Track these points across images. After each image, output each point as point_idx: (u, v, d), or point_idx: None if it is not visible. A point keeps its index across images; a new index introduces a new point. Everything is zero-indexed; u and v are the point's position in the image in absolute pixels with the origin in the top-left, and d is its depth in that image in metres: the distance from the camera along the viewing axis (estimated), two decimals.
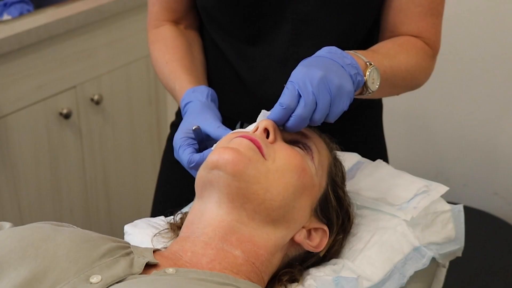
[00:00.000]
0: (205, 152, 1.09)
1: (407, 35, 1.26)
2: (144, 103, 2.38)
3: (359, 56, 1.10)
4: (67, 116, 2.08)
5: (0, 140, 1.94)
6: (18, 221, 2.04)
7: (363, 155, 1.34)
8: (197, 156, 1.10)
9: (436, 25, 1.27)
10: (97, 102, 2.16)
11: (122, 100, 2.29)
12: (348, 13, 1.23)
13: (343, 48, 1.24)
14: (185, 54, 1.32)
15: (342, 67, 1.04)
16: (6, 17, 2.03)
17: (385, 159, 1.48)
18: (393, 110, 1.32)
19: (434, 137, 2.29)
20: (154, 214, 1.49)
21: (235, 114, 1.34)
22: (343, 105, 1.02)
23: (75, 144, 2.17)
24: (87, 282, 0.87)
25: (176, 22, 1.36)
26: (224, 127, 1.12)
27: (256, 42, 1.27)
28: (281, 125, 1.04)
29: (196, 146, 1.13)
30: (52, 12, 2.01)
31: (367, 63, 1.09)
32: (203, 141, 1.14)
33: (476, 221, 2.03)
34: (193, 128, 1.12)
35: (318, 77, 0.99)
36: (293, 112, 1.00)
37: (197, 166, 1.08)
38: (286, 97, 1.00)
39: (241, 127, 1.39)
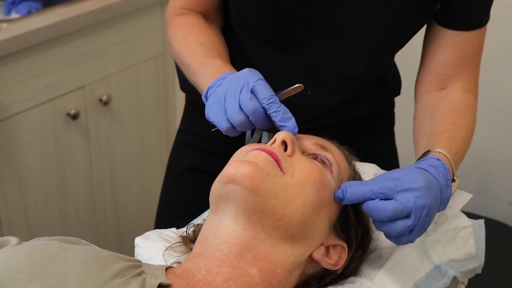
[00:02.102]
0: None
1: (456, 88, 1.23)
2: (152, 104, 2.35)
3: (452, 168, 1.10)
4: (75, 116, 2.05)
5: (7, 140, 1.91)
6: (24, 222, 2.02)
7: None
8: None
9: (479, 67, 1.26)
10: (105, 103, 2.14)
11: (130, 101, 2.26)
12: (387, 33, 1.19)
13: (374, 65, 1.24)
14: (220, 43, 1.27)
15: (441, 200, 1.03)
16: (14, 15, 2.00)
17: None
18: (408, 117, 1.31)
19: None
20: (158, 225, 1.46)
21: None
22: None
23: (83, 145, 2.14)
24: None
25: (202, 15, 1.31)
26: None
27: (286, 48, 1.23)
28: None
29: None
30: (61, 11, 1.98)
31: (454, 178, 1.11)
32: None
33: (490, 231, 1.99)
34: (298, 85, 1.05)
35: (426, 211, 0.98)
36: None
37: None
38: (392, 206, 0.97)
39: (252, 133, 1.35)
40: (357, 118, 1.36)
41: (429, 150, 1.11)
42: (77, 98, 2.07)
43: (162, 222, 1.46)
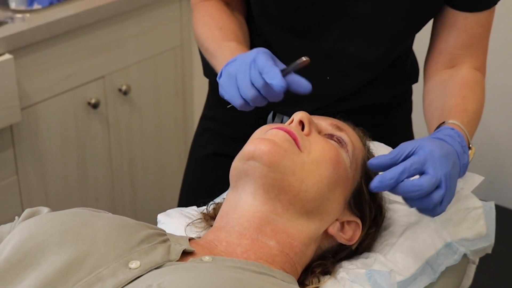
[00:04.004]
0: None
1: (465, 66, 1.26)
2: (171, 94, 2.39)
3: (466, 137, 1.12)
4: (95, 105, 2.10)
5: (29, 128, 1.96)
6: None
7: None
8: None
9: (487, 47, 1.29)
10: (125, 93, 2.18)
11: (149, 91, 2.30)
12: (403, 19, 1.22)
13: (393, 52, 1.27)
14: (239, 28, 1.31)
15: (460, 166, 1.05)
16: (36, 6, 2.04)
17: None
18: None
19: None
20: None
21: (271, 105, 1.34)
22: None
23: (102, 134, 2.18)
24: (126, 267, 0.88)
25: (225, 2, 1.36)
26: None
27: (305, 35, 1.27)
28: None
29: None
30: (82, 2, 2.02)
31: (470, 146, 1.13)
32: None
33: (503, 219, 2.01)
34: (305, 59, 1.07)
35: (450, 177, 1.00)
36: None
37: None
38: (413, 164, 0.99)
39: (273, 117, 1.39)
40: (375, 104, 1.39)
41: (443, 122, 1.14)
42: (98, 88, 2.11)
43: (184, 206, 1.50)
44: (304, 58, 1.06)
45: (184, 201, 1.55)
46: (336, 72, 1.28)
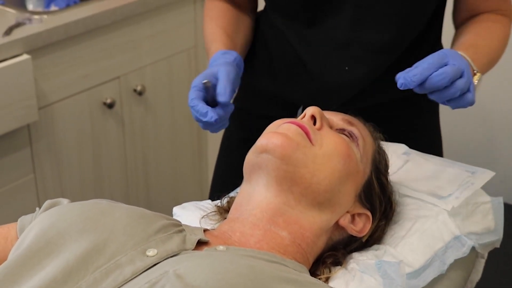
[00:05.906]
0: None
1: (487, 12, 1.32)
2: (185, 95, 2.40)
3: (470, 64, 1.17)
4: (110, 105, 2.13)
5: (46, 127, 1.99)
6: None
7: (418, 144, 1.36)
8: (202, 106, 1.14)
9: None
10: (140, 93, 2.21)
11: (164, 91, 2.33)
12: (407, 4, 1.25)
13: (404, 36, 1.30)
14: (230, 24, 1.38)
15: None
16: (53, 8, 2.08)
17: (439, 150, 1.51)
18: None
19: (462, 133, 2.29)
20: (212, 198, 1.52)
21: (298, 99, 1.37)
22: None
23: (118, 133, 2.22)
24: (143, 255, 0.91)
25: (234, 2, 1.42)
26: (230, 94, 1.15)
27: (318, 26, 1.30)
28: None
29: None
30: (98, 4, 2.06)
31: (475, 72, 1.17)
32: (212, 97, 1.17)
33: None
34: (204, 81, 1.15)
35: (467, 68, 1.09)
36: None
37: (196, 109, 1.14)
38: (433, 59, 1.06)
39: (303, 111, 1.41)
40: (403, 97, 1.39)
41: None
42: (113, 88, 2.15)
43: (215, 194, 1.52)
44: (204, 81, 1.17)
45: (215, 190, 1.55)
46: (353, 61, 1.31)
